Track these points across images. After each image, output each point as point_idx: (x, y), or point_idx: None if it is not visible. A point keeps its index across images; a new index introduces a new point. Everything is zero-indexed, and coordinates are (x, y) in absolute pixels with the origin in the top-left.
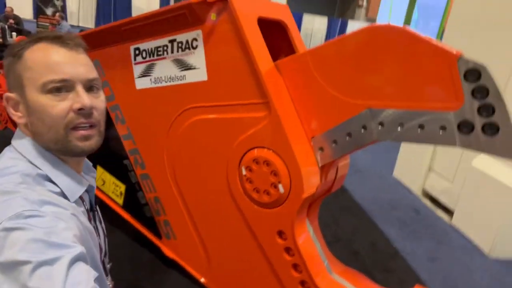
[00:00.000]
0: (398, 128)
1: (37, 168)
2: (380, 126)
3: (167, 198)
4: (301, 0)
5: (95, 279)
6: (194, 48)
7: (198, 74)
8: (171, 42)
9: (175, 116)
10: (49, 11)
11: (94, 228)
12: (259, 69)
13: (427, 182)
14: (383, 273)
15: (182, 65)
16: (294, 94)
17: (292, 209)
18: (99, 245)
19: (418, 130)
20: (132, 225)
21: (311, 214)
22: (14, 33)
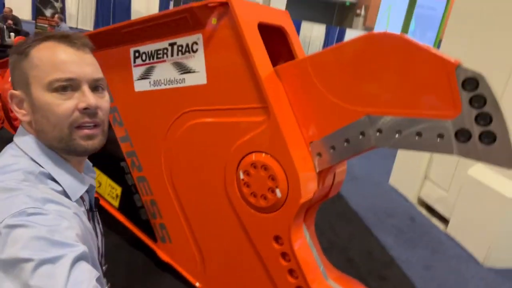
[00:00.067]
0: (396, 135)
1: (39, 166)
2: (378, 133)
3: (164, 201)
4: (300, 7)
5: (97, 279)
6: (194, 51)
7: (198, 78)
8: (171, 45)
9: (174, 119)
10: (48, 13)
11: (93, 228)
12: (259, 74)
13: (423, 190)
14: (378, 280)
15: (182, 68)
16: (293, 100)
17: (289, 214)
18: (97, 246)
19: (416, 138)
20: (127, 228)
21: (308, 220)
22: (12, 33)
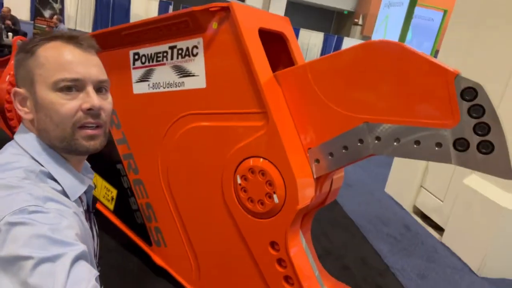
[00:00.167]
0: (394, 143)
1: (39, 165)
2: (376, 140)
3: (159, 205)
4: (298, 15)
5: (96, 279)
6: (194, 55)
7: (197, 81)
8: (171, 48)
9: (172, 122)
10: (47, 14)
11: (90, 229)
12: (259, 79)
13: (418, 199)
14: None
15: (181, 71)
16: (292, 105)
17: (286, 220)
18: (93, 247)
19: (414, 146)
20: (122, 231)
21: (304, 226)
22: (10, 33)
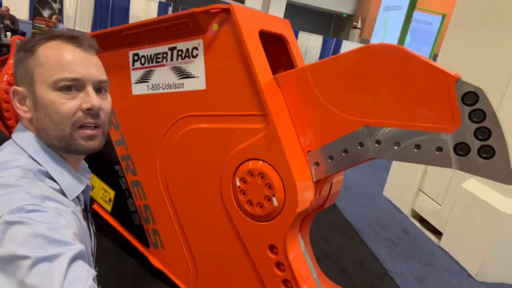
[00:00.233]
0: (395, 146)
1: (37, 164)
2: (376, 144)
3: (157, 207)
4: (297, 18)
5: (93, 278)
6: (194, 56)
7: (197, 83)
8: (171, 49)
9: (171, 123)
10: (45, 13)
11: (87, 229)
12: (259, 81)
13: (417, 202)
14: None
15: (181, 73)
16: (292, 108)
17: (285, 223)
18: (91, 247)
19: (415, 150)
20: (119, 232)
21: (303, 229)
22: (8, 33)
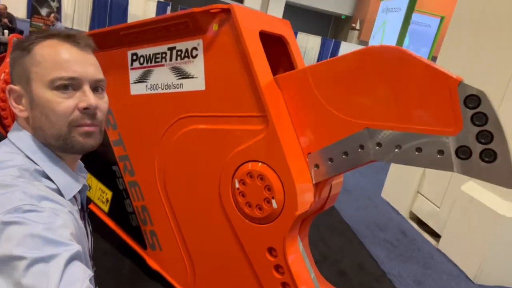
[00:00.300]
0: (396, 149)
1: (34, 163)
2: (377, 146)
3: (155, 208)
4: (296, 19)
5: (90, 279)
6: (193, 57)
7: (196, 83)
8: (171, 49)
9: (170, 124)
10: (43, 12)
11: (84, 228)
12: (259, 82)
13: (415, 204)
14: None
15: (180, 73)
16: (292, 109)
17: (284, 226)
18: (88, 246)
19: (416, 153)
20: (116, 233)
21: (302, 232)
22: (6, 31)
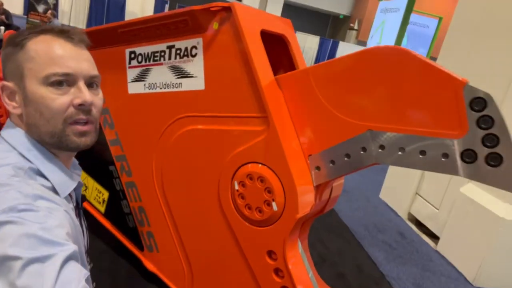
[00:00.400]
0: (399, 152)
1: (28, 161)
2: (380, 149)
3: (153, 209)
4: (294, 19)
5: (86, 279)
6: (193, 56)
7: (195, 83)
8: (169, 48)
9: (168, 124)
10: (40, 8)
11: (80, 225)
12: (260, 82)
13: (413, 206)
14: None
15: (179, 72)
16: (293, 110)
17: (284, 228)
18: (84, 243)
19: (419, 156)
20: (112, 234)
21: (302, 234)
22: (2, 27)
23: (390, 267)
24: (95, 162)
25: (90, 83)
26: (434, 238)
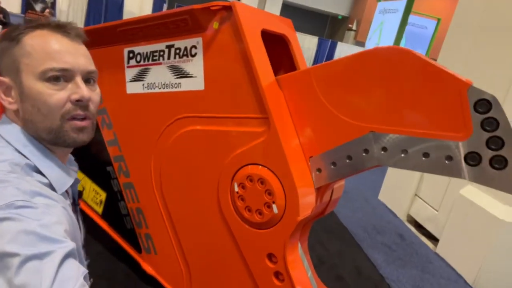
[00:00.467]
0: (402, 154)
1: (24, 157)
2: (382, 151)
3: (151, 210)
4: (292, 19)
5: (84, 277)
6: (192, 55)
7: (195, 83)
8: (169, 47)
9: (167, 124)
10: (38, 7)
11: (77, 222)
12: (261, 83)
13: (413, 207)
14: None
15: (178, 72)
16: (294, 111)
17: (285, 231)
18: (81, 240)
19: (423, 158)
20: (110, 236)
21: (302, 237)
22: None
23: (390, 270)
24: (93, 162)
25: (87, 79)
26: (434, 240)
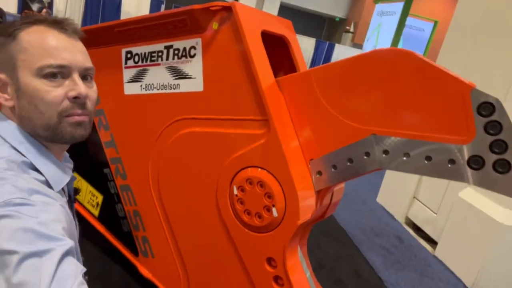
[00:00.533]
0: (404, 157)
1: (21, 155)
2: (384, 154)
3: (148, 213)
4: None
5: (82, 275)
6: (191, 56)
7: (194, 84)
8: (167, 48)
9: (165, 126)
10: (35, 7)
11: (73, 219)
12: (261, 84)
13: (411, 210)
14: None
15: (177, 73)
16: (294, 113)
17: (285, 235)
18: (77, 237)
19: (425, 162)
20: (106, 238)
21: (301, 240)
22: None
23: (388, 273)
24: (89, 164)
25: (84, 76)
26: (432, 243)
